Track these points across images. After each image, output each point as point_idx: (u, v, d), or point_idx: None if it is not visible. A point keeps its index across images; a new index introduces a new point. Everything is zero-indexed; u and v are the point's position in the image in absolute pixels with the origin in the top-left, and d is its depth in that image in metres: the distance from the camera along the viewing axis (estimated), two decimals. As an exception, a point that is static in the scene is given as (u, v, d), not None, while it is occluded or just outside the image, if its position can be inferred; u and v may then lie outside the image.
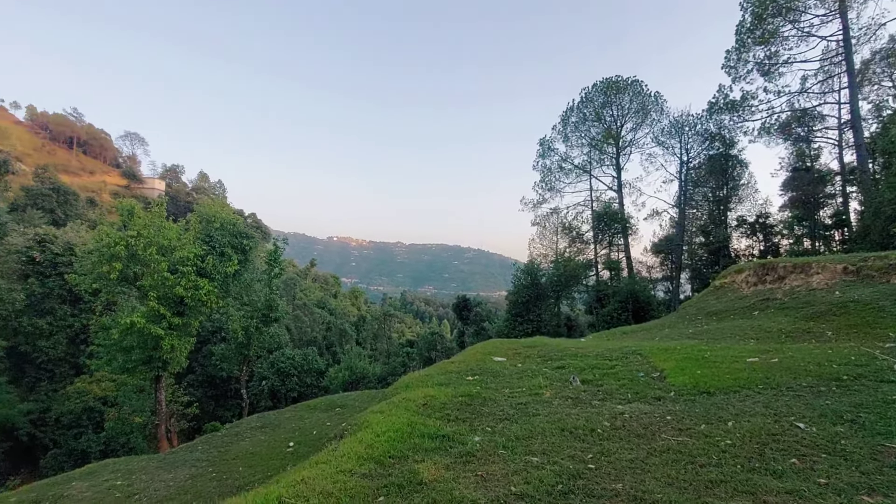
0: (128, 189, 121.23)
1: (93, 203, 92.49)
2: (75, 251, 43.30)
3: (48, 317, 42.07)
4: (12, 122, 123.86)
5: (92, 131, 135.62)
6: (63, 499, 13.17)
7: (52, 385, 41.31)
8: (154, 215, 25.59)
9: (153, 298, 23.81)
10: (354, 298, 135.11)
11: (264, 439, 17.02)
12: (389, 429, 7.05)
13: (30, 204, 69.00)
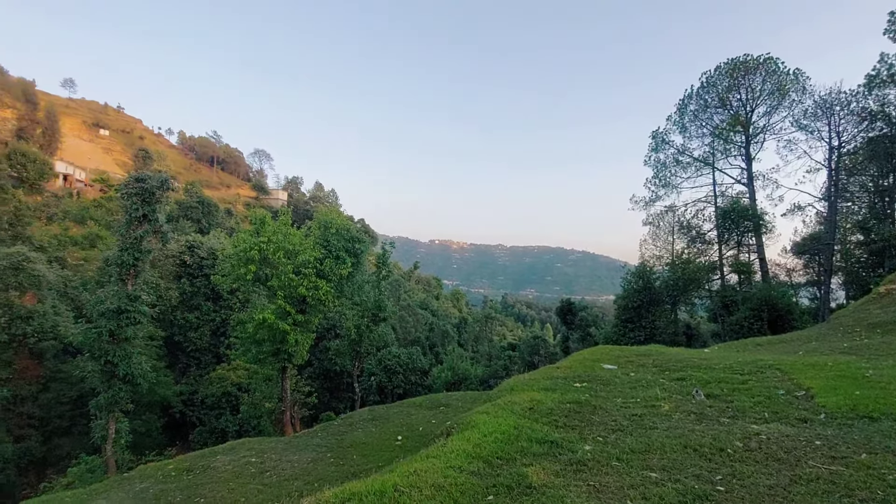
0: (257, 200, 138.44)
1: (230, 213, 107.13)
2: (217, 255, 50.61)
3: (196, 312, 49.71)
4: (168, 147, 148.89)
5: (228, 150, 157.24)
6: (210, 469, 15.49)
7: (198, 371, 48.71)
8: (281, 223, 28.92)
9: (280, 297, 26.92)
10: (456, 300, 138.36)
11: (375, 431, 18.28)
12: (496, 430, 7.19)
13: (181, 215, 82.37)
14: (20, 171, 76.75)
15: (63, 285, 49.64)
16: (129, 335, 29.05)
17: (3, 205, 61.43)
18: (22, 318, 38.83)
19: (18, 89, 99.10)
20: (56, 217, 78.71)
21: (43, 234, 69.26)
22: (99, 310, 28.66)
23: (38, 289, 41.74)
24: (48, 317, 40.65)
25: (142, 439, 37.44)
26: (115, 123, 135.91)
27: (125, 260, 29.40)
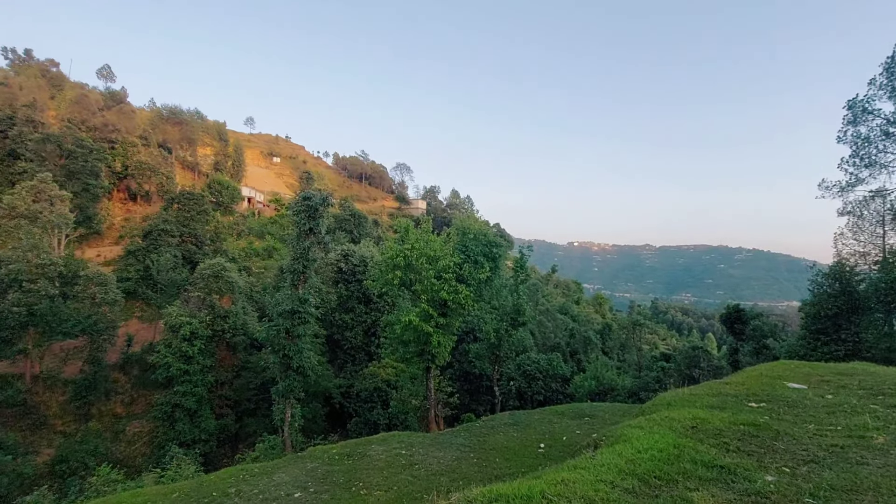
0: (399, 210, 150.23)
1: (376, 223, 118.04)
2: (367, 262, 56.12)
3: (351, 313, 55.84)
4: (325, 167, 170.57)
5: (374, 167, 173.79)
6: (366, 457, 17.21)
7: (354, 367, 54.51)
8: (423, 231, 31.00)
9: (424, 301, 28.80)
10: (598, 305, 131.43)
11: (516, 436, 18.34)
12: (652, 447, 6.67)
13: (337, 227, 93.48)
14: (217, 196, 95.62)
15: (249, 290, 60.23)
16: (300, 333, 34.01)
17: (207, 224, 77.24)
18: (221, 317, 48.14)
19: (214, 130, 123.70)
20: (243, 233, 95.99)
21: (234, 248, 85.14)
22: (277, 310, 34.15)
23: (232, 293, 51.41)
24: (239, 316, 49.68)
25: (310, 424, 43.34)
26: (284, 151, 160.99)
27: (296, 268, 34.54)
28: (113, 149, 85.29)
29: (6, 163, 71.87)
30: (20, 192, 56.48)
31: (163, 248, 63.23)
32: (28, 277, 42.61)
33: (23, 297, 41.43)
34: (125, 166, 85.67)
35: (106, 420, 46.54)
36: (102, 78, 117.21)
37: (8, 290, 41.52)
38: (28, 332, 43.67)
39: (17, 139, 72.13)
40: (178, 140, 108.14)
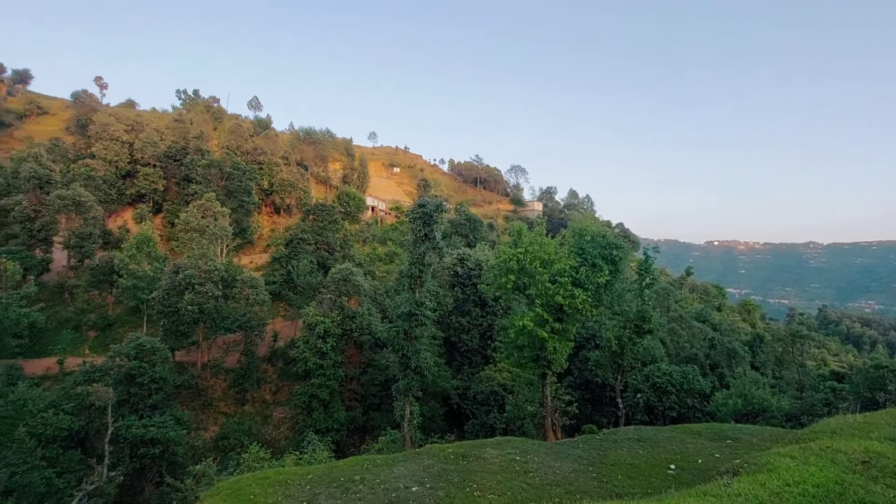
0: (514, 213, 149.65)
1: (491, 227, 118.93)
2: (482, 266, 56.80)
3: (467, 317, 56.97)
4: (441, 174, 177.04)
5: (489, 171, 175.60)
6: (481, 459, 17.34)
7: (470, 369, 55.48)
8: (536, 233, 30.48)
9: (538, 305, 28.25)
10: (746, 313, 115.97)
11: (642, 454, 16.97)
12: (805, 481, 5.64)
13: (453, 232, 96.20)
14: (345, 206, 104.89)
15: (374, 292, 64.82)
16: (417, 334, 35.74)
17: (337, 233, 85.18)
18: (349, 317, 52.60)
19: (342, 146, 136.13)
20: (368, 239, 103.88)
21: (360, 253, 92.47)
22: (396, 312, 36.33)
23: (358, 295, 55.90)
24: (365, 317, 53.77)
25: (429, 422, 45.16)
26: (403, 161, 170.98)
27: (413, 272, 36.41)
28: (261, 169, 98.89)
29: (182, 186, 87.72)
30: (192, 210, 68.55)
31: (301, 254, 71.34)
32: (198, 281, 51.28)
33: (195, 298, 49.99)
34: (271, 184, 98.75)
35: (257, 405, 53.91)
36: (252, 108, 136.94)
37: (184, 291, 50.44)
38: (199, 327, 52.57)
39: (190, 166, 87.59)
40: (312, 158, 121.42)
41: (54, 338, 55.96)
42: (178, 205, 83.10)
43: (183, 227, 67.58)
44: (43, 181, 66.31)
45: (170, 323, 50.77)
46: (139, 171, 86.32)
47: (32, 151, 73.75)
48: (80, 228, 64.05)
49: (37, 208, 63.84)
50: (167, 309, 50.46)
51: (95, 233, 66.07)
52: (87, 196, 66.03)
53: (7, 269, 50.02)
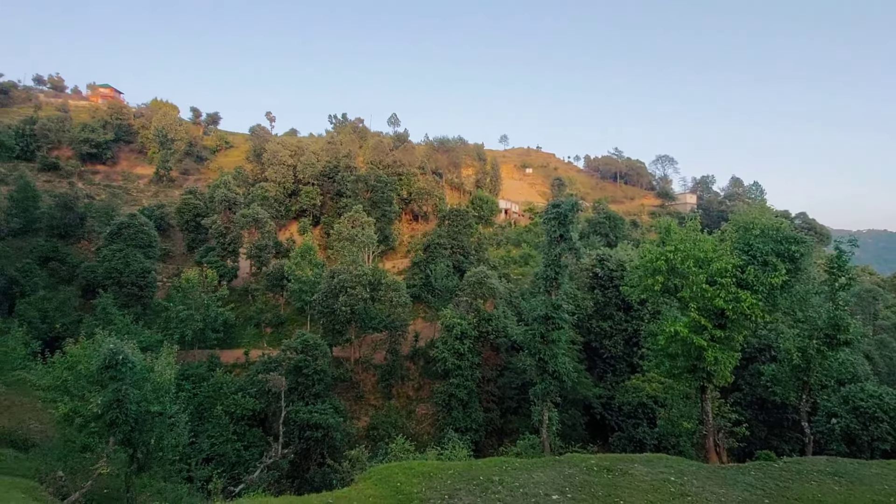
0: (662, 207, 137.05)
1: (635, 224, 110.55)
2: (625, 267, 52.99)
3: (609, 321, 53.57)
4: (576, 172, 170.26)
5: (630, 163, 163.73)
6: (628, 475, 15.93)
7: (614, 377, 51.98)
8: (689, 229, 27.33)
9: (693, 309, 25.20)
10: None
11: (837, 490, 13.92)
12: None
13: (591, 231, 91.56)
14: (479, 210, 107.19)
15: (508, 295, 64.83)
16: (554, 338, 34.67)
17: (471, 237, 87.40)
18: (485, 320, 53.34)
19: (474, 152, 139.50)
20: (501, 242, 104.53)
21: (494, 256, 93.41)
22: (532, 315, 35.74)
23: (493, 297, 56.45)
24: (500, 319, 54.02)
25: (568, 430, 43.42)
26: (535, 161, 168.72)
27: (548, 274, 35.49)
28: (400, 180, 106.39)
29: (335, 200, 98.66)
30: (343, 221, 76.62)
31: (438, 259, 74.83)
32: (350, 284, 56.97)
33: (347, 300, 55.62)
34: (409, 193, 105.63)
35: (402, 400, 57.76)
36: (391, 124, 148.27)
37: (339, 294, 56.46)
38: (351, 326, 58.32)
39: (341, 182, 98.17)
40: (446, 165, 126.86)
41: (241, 332, 67.32)
42: (332, 217, 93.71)
43: (336, 237, 76.00)
44: (231, 203, 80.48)
45: (328, 322, 57.30)
46: (301, 190, 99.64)
47: (223, 179, 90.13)
48: (258, 241, 76.28)
49: (227, 225, 77.72)
50: (325, 309, 57.07)
51: (270, 244, 77.98)
52: (263, 213, 78.48)
53: (208, 276, 61.77)
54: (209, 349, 56.76)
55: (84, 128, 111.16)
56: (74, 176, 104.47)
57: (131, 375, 20.12)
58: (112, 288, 55.28)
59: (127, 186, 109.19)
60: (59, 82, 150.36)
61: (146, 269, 60.25)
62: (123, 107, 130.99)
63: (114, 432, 19.59)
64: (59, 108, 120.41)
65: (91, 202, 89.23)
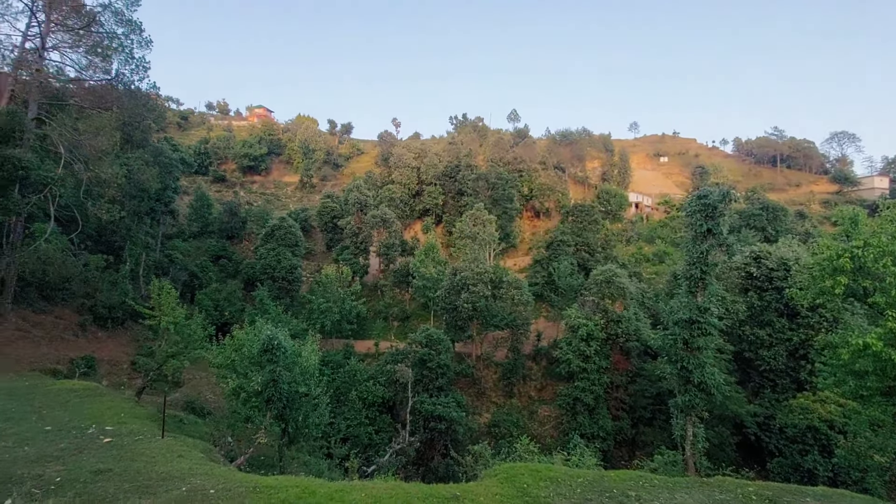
0: (839, 195, 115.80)
1: (801, 216, 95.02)
2: (789, 266, 45.64)
3: (767, 328, 46.47)
4: (722, 157, 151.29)
5: (793, 144, 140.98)
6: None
7: (773, 394, 44.93)
8: (885, 220, 22.37)
9: (891, 318, 20.55)
10: None
11: None
12: None
13: (743, 225, 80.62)
14: (605, 205, 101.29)
15: (641, 296, 60.15)
16: (700, 345, 31.08)
17: (597, 233, 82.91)
18: (614, 321, 50.05)
19: (600, 143, 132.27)
20: (632, 239, 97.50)
21: (623, 254, 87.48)
22: (672, 319, 32.43)
23: (623, 298, 52.74)
24: (632, 322, 50.26)
25: (715, 450, 38.67)
26: (671, 149, 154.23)
27: (693, 274, 31.92)
28: (521, 176, 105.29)
29: (456, 199, 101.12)
30: (465, 219, 78.14)
31: (561, 256, 72.42)
32: (472, 282, 57.79)
33: (469, 297, 56.52)
34: (530, 189, 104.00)
35: (524, 399, 57.00)
36: (511, 121, 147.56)
37: (461, 291, 57.64)
38: (473, 322, 59.16)
39: (462, 181, 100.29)
40: (569, 159, 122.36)
41: (372, 325, 72.50)
42: (454, 216, 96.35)
43: (458, 235, 77.92)
44: (362, 205, 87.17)
45: (450, 318, 58.91)
46: (424, 190, 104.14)
47: (355, 183, 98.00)
48: (386, 240, 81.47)
49: (359, 226, 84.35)
50: (448, 306, 58.75)
51: (396, 243, 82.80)
52: (390, 214, 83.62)
53: (343, 272, 67.61)
54: (345, 339, 62.14)
55: (244, 144, 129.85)
56: (237, 186, 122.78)
57: (284, 359, 22.76)
58: (267, 282, 63.45)
59: (277, 193, 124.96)
60: (224, 107, 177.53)
61: (293, 265, 68.03)
62: (274, 124, 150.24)
63: (270, 408, 22.32)
64: (225, 129, 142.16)
65: (250, 208, 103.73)
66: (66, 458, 15.06)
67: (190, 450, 17.47)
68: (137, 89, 49.77)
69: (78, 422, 19.10)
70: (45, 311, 42.95)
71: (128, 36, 44.44)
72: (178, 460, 15.70)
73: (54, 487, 12.58)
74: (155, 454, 16.01)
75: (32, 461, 14.54)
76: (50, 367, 33.64)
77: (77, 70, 44.93)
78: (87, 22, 42.65)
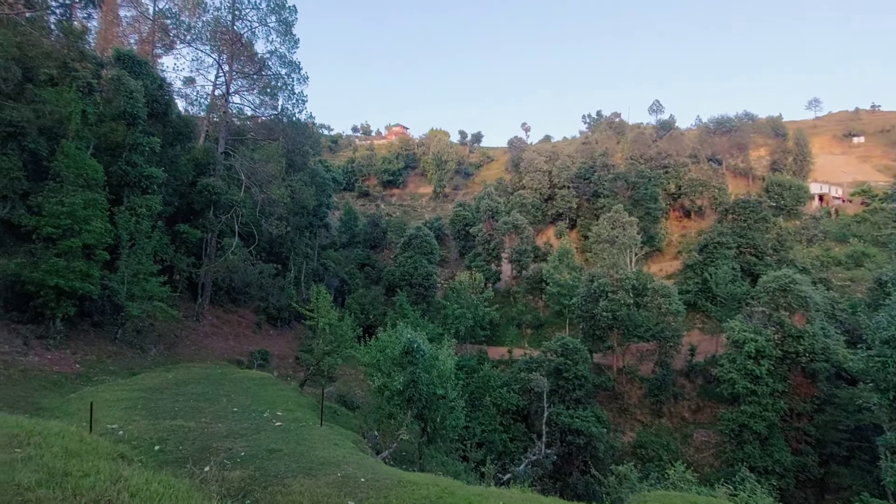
0: None
1: None
2: None
3: None
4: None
5: None
6: None
7: None
8: None
9: None
10: None
11: None
12: None
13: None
14: (777, 200, 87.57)
15: (830, 307, 50.64)
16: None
17: (766, 232, 71.96)
18: (792, 337, 42.77)
19: (767, 127, 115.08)
20: (815, 238, 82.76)
21: (804, 257, 74.61)
22: (881, 336, 26.62)
23: (805, 309, 44.76)
24: (817, 338, 42.44)
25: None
26: (868, 127, 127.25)
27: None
28: (666, 173, 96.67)
29: (591, 201, 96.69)
30: (602, 222, 74.31)
31: (719, 260, 64.42)
32: (611, 289, 54.51)
33: (608, 304, 53.32)
34: (678, 186, 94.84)
35: (675, 420, 51.67)
36: (653, 113, 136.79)
37: (599, 298, 54.67)
38: (613, 332, 55.64)
39: (597, 182, 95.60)
40: (727, 149, 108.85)
41: (504, 332, 72.61)
42: (589, 219, 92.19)
43: (595, 239, 74.25)
44: (493, 212, 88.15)
45: (587, 327, 56.25)
46: (556, 194, 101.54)
47: (486, 190, 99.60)
48: (518, 246, 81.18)
49: (491, 232, 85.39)
50: (585, 314, 56.20)
51: (528, 249, 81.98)
52: (521, 220, 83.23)
53: (476, 279, 69.02)
54: (478, 344, 63.22)
55: (383, 161, 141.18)
56: (379, 199, 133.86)
57: (423, 362, 23.99)
58: (405, 288, 67.64)
59: (413, 204, 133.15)
60: (366, 128, 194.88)
61: (429, 272, 71.52)
62: (410, 139, 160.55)
63: (411, 407, 23.64)
64: (368, 148, 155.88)
65: (390, 219, 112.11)
66: (248, 436, 17.73)
67: (343, 439, 19.27)
68: (298, 120, 57.91)
69: (256, 406, 22.39)
70: (231, 311, 51.59)
71: (289, 75, 52.13)
72: (333, 448, 17.41)
73: (239, 461, 14.85)
74: (315, 440, 17.98)
75: (223, 436, 17.39)
76: (235, 357, 40.24)
77: (252, 108, 54.25)
78: (259, 67, 51.16)
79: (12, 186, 28.65)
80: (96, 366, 28.76)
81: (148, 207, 34.33)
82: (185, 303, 45.03)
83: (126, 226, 31.89)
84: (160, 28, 54.93)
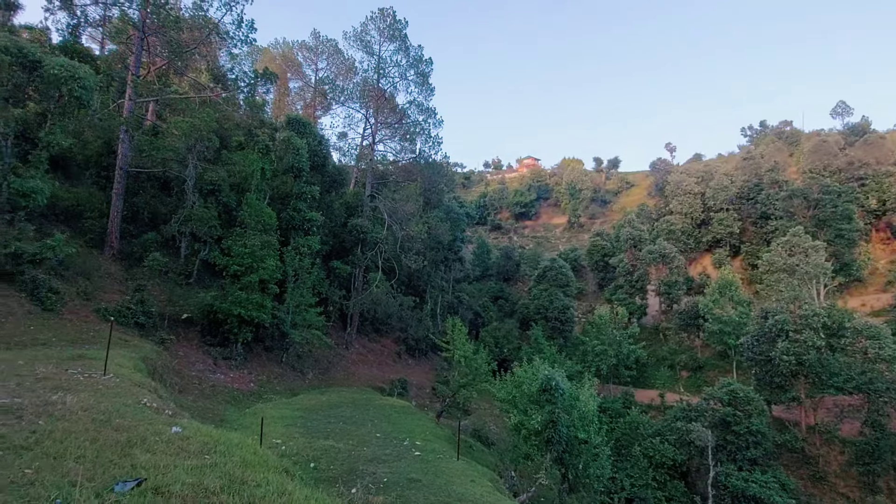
0: None
1: None
2: None
3: None
4: None
5: None
6: None
7: None
8: None
9: None
10: None
11: None
12: None
13: None
14: None
15: None
16: None
17: None
18: None
19: None
20: None
21: None
22: None
23: None
24: None
25: None
26: None
27: None
28: (863, 185, 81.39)
29: (759, 224, 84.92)
30: (776, 248, 64.44)
31: (946, 293, 51.26)
32: (793, 328, 46.40)
33: (790, 347, 45.29)
34: (881, 201, 79.02)
35: (897, 500, 41.05)
36: (837, 116, 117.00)
37: (776, 338, 46.84)
38: (799, 381, 46.89)
39: (766, 201, 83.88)
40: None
41: (654, 373, 66.02)
42: (757, 245, 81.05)
43: (767, 268, 64.60)
44: (636, 240, 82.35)
45: (762, 372, 48.41)
46: (712, 218, 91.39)
47: (627, 218, 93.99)
48: (666, 277, 74.25)
49: (633, 263, 79.63)
50: (758, 357, 48.52)
51: (679, 280, 74.46)
52: (669, 248, 76.27)
53: (618, 314, 64.53)
54: (623, 385, 58.44)
55: (515, 193, 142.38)
56: (511, 232, 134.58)
57: (562, 401, 22.86)
58: (540, 321, 65.95)
59: (547, 236, 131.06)
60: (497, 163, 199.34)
61: (566, 305, 68.93)
62: (541, 171, 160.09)
63: (550, 449, 22.53)
64: (499, 182, 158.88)
65: (523, 251, 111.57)
66: (390, 462, 18.51)
67: (480, 477, 19.03)
68: (434, 161, 62.48)
69: (396, 433, 23.40)
70: (375, 341, 55.62)
71: (426, 120, 57.21)
72: (470, 484, 17.26)
73: (382, 486, 15.49)
74: (452, 474, 18.03)
75: (369, 460, 18.39)
76: (378, 384, 42.91)
77: (394, 154, 60.38)
78: (400, 117, 56.91)
79: (210, 233, 35.10)
80: (266, 385, 33.02)
81: (309, 247, 39.33)
82: (336, 332, 49.68)
83: (292, 263, 36.78)
84: (320, 93, 65.46)
